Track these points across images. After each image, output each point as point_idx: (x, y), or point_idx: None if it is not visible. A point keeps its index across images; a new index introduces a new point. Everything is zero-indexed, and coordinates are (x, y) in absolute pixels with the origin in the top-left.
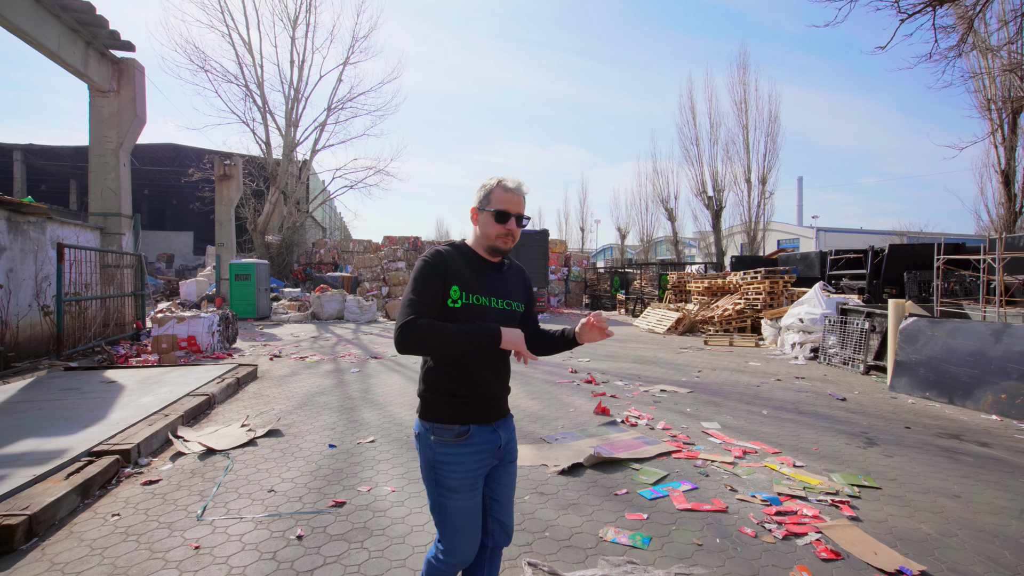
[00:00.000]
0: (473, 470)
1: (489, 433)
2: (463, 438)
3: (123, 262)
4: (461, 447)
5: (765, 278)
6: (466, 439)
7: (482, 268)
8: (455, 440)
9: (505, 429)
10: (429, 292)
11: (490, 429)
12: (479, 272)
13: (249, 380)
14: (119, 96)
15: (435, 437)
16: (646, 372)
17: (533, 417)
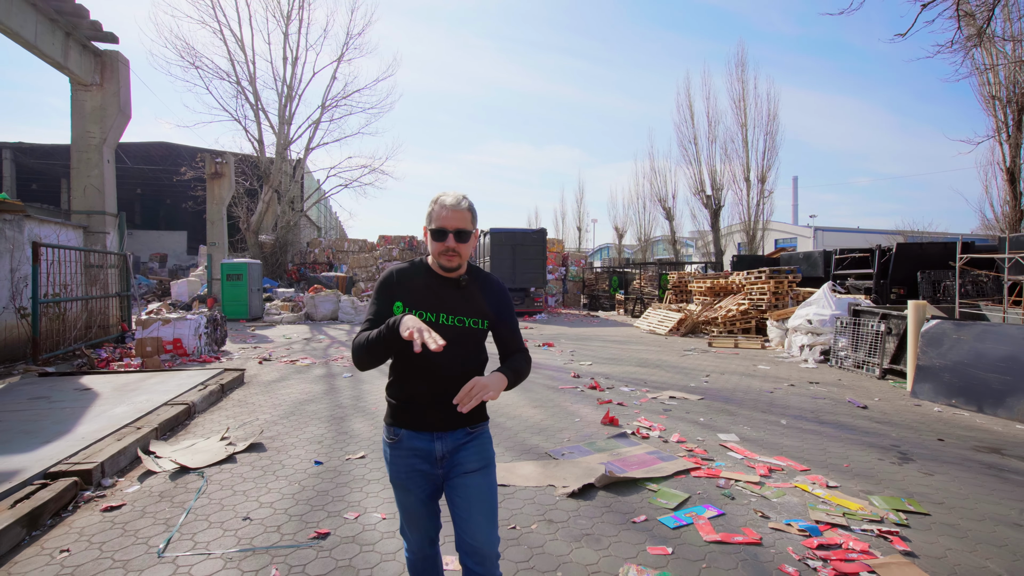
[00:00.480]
0: (403, 472)
1: (422, 441)
2: (394, 441)
3: (107, 262)
4: (392, 448)
5: (770, 278)
6: (397, 442)
7: (436, 284)
8: (390, 440)
9: (446, 442)
10: (379, 310)
11: (426, 438)
12: (432, 288)
13: (235, 386)
14: (102, 90)
15: (384, 435)
16: (652, 376)
17: (536, 428)
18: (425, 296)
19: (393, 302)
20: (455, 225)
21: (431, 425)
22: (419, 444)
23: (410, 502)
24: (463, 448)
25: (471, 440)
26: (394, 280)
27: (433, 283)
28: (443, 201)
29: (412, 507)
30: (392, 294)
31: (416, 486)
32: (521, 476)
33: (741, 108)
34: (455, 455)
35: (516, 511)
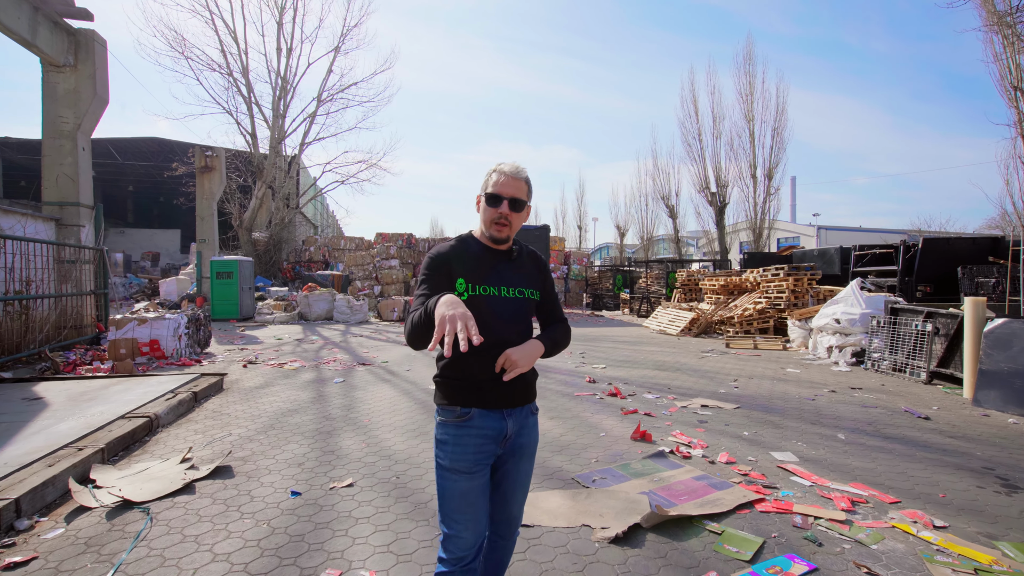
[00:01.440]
0: (471, 453)
1: (494, 420)
2: (463, 419)
3: (82, 257)
4: (460, 428)
5: (788, 275)
6: (466, 420)
7: (489, 257)
8: (455, 421)
9: (516, 419)
10: (435, 284)
11: (497, 416)
12: (486, 262)
13: (211, 393)
14: (76, 72)
15: (440, 418)
16: (674, 382)
17: (556, 445)
18: (483, 270)
19: (451, 278)
20: (511, 192)
21: (501, 402)
22: (491, 423)
23: (473, 490)
24: (525, 429)
25: (533, 419)
26: (449, 255)
27: (487, 256)
28: (501, 168)
29: (474, 496)
30: (449, 270)
31: (482, 470)
32: (548, 512)
33: (748, 103)
34: (518, 436)
35: (546, 566)
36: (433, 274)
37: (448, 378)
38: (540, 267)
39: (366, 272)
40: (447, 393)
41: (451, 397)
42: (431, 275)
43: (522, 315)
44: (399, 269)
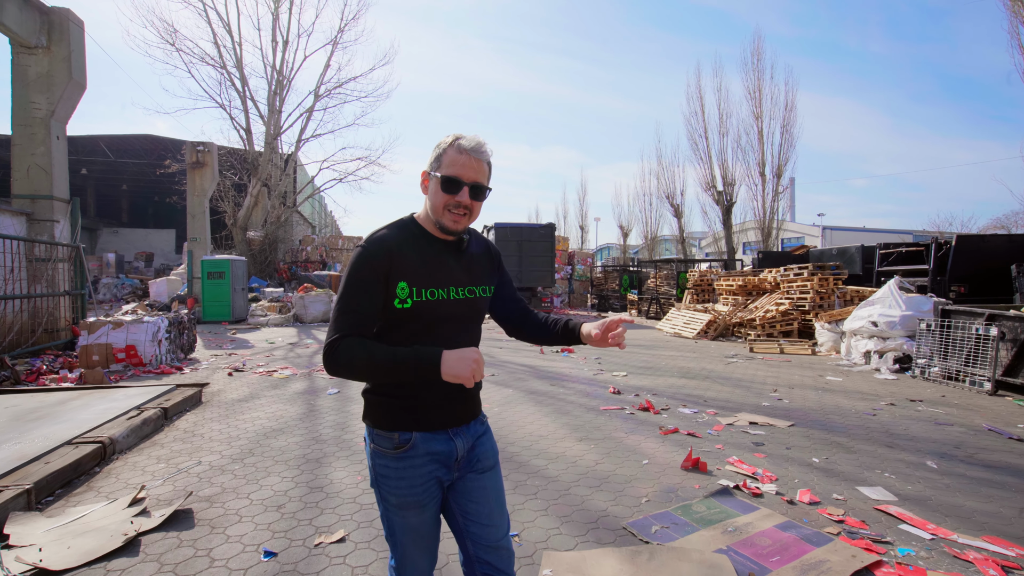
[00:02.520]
0: (418, 486)
1: (440, 443)
2: (402, 450)
3: (56, 255)
4: (400, 460)
5: (813, 275)
6: (406, 451)
7: (435, 251)
8: (394, 452)
9: (466, 436)
10: (366, 297)
11: (442, 438)
12: (431, 257)
13: (186, 408)
14: (49, 53)
15: (375, 445)
16: (708, 392)
17: (595, 477)
18: (429, 269)
19: (390, 282)
20: (472, 177)
21: (449, 420)
22: (438, 447)
23: (425, 523)
24: (479, 442)
25: (485, 431)
26: (388, 250)
27: (433, 249)
28: (461, 144)
29: (426, 528)
30: (388, 273)
31: (432, 500)
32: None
33: (756, 99)
34: (472, 452)
35: None
36: (365, 280)
37: (381, 395)
38: (493, 257)
39: None
40: (381, 416)
41: (386, 421)
42: (362, 282)
43: (473, 317)
44: None
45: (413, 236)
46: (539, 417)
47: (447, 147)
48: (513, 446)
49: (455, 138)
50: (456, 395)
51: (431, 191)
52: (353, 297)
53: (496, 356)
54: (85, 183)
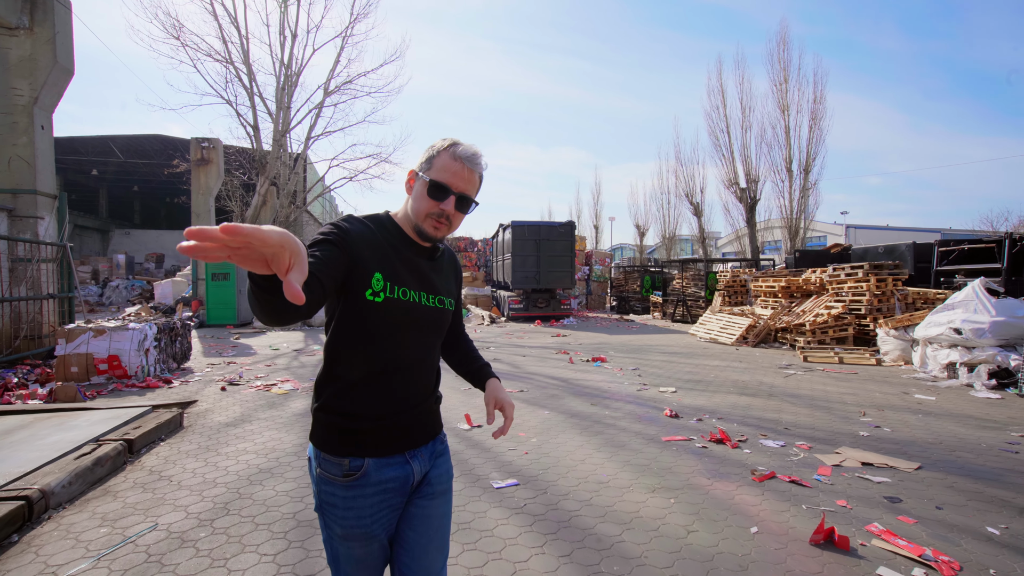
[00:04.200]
0: (366, 517)
1: (396, 468)
2: (352, 478)
3: (40, 254)
4: (349, 489)
5: (870, 274)
6: (356, 479)
7: (411, 253)
8: (342, 480)
9: (423, 459)
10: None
11: (399, 462)
12: (406, 258)
13: (159, 437)
14: (32, 35)
15: (320, 470)
16: (782, 415)
17: (694, 557)
18: (404, 269)
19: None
20: (462, 187)
21: (407, 442)
22: (392, 472)
23: (371, 554)
24: (436, 464)
25: (444, 451)
26: (362, 236)
27: (408, 251)
28: (457, 151)
29: (372, 559)
30: (357, 253)
31: (384, 530)
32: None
33: (782, 91)
34: (426, 474)
35: None
36: (332, 244)
37: (333, 414)
38: (456, 272)
39: None
40: (329, 438)
41: (335, 445)
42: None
43: (439, 329)
44: None
45: (389, 233)
46: (590, 452)
47: (441, 151)
48: (568, 499)
49: (451, 143)
50: (418, 414)
51: (416, 193)
52: (318, 249)
53: (521, 366)
54: (98, 184)
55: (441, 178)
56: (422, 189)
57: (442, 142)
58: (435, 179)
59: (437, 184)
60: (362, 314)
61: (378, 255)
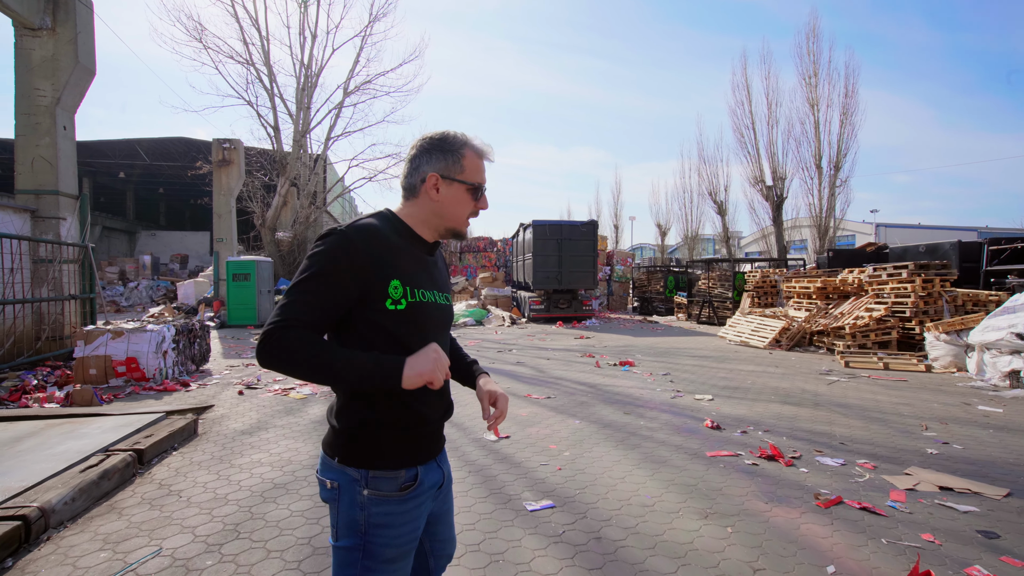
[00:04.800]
0: (419, 528)
1: (435, 472)
2: (409, 489)
3: (61, 255)
4: (406, 503)
5: (916, 274)
6: (413, 489)
7: (420, 252)
8: (399, 494)
9: (444, 459)
10: (334, 290)
11: (434, 466)
12: (418, 258)
13: (172, 446)
14: (55, 35)
15: (370, 491)
16: (835, 427)
17: None
18: (418, 269)
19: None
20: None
21: (440, 443)
22: (434, 477)
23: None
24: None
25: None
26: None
27: (417, 250)
28: (479, 148)
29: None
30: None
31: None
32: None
33: (811, 85)
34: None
35: None
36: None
37: (390, 427)
38: (447, 264)
39: None
40: (383, 454)
41: (389, 459)
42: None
43: (449, 325)
44: None
45: (399, 234)
46: (629, 468)
47: (464, 149)
48: (611, 525)
49: (463, 139)
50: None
51: (454, 198)
52: (319, 283)
53: (546, 371)
54: (125, 187)
55: (479, 180)
56: (462, 194)
57: (456, 137)
58: (475, 182)
59: (478, 187)
60: (388, 324)
61: (391, 260)
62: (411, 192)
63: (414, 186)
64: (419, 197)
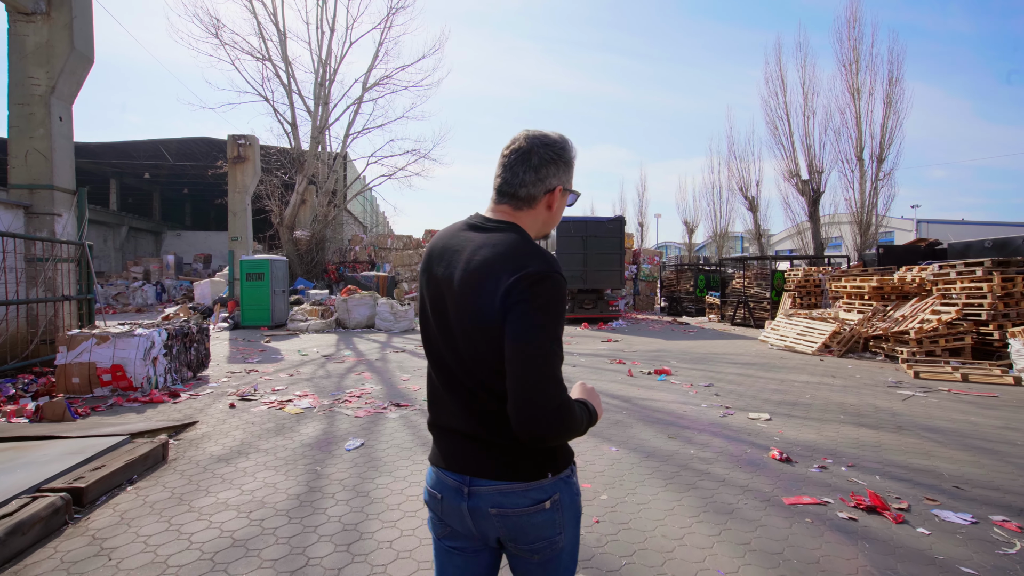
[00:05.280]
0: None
1: None
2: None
3: (57, 253)
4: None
5: (993, 271)
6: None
7: None
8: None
9: None
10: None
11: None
12: None
13: (126, 480)
14: (49, 20)
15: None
16: (935, 460)
17: None
18: None
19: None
20: None
21: None
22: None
23: None
24: None
25: None
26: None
27: None
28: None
29: None
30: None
31: None
32: None
33: (852, 72)
34: None
35: None
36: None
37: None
38: None
39: (414, 273)
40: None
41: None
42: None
43: None
44: None
45: None
46: (687, 522)
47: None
48: None
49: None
50: None
51: (561, 207)
52: (561, 336)
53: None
54: (151, 188)
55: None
56: (565, 202)
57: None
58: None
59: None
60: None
61: None
62: (529, 202)
63: (535, 197)
64: (535, 208)
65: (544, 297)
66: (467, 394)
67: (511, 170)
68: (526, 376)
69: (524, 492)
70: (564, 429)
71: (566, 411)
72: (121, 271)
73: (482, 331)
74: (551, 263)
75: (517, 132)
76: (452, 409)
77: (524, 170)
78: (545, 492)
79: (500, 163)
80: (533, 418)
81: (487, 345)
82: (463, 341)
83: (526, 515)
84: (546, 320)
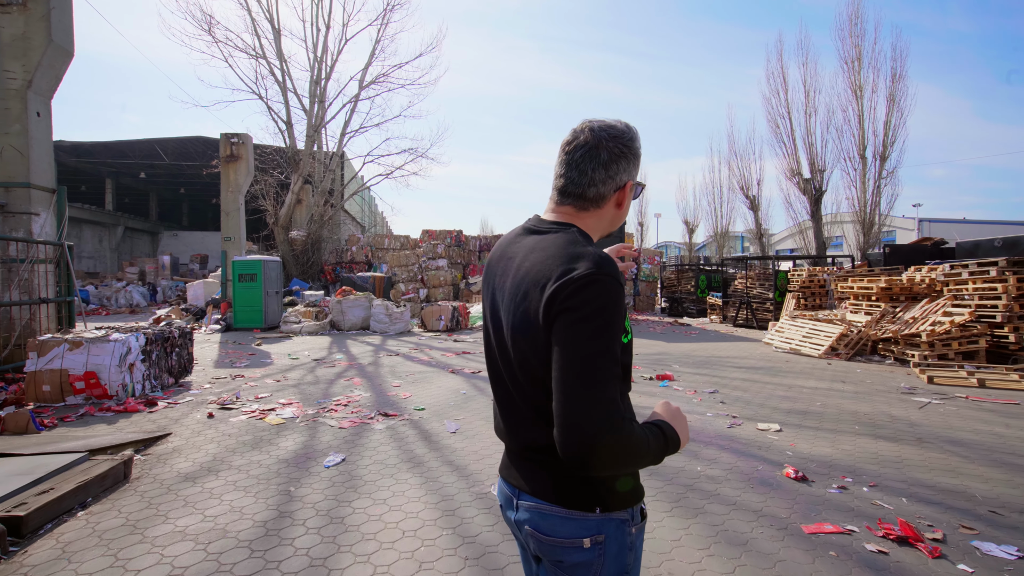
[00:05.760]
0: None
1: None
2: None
3: (34, 254)
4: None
5: (1008, 271)
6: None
7: None
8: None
9: None
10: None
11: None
12: None
13: (77, 504)
14: (26, 11)
15: (636, 527)
16: (962, 479)
17: None
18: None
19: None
20: None
21: None
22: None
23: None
24: None
25: None
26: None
27: None
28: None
29: None
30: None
31: None
32: None
33: (855, 70)
34: None
35: None
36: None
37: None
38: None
39: (411, 273)
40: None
41: (633, 496)
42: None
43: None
44: (447, 270)
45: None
46: (698, 556)
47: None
48: None
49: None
50: None
51: (628, 203)
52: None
53: None
54: (148, 188)
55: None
56: (631, 193)
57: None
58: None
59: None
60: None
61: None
62: (597, 202)
63: (604, 196)
64: (603, 208)
65: (592, 304)
66: (518, 410)
67: (577, 168)
68: (568, 395)
69: (563, 520)
70: (611, 458)
71: (617, 436)
72: (117, 272)
73: (529, 342)
74: (601, 264)
75: (577, 123)
76: (506, 424)
77: (593, 168)
78: (587, 528)
79: (562, 160)
80: (574, 442)
81: (536, 359)
82: (515, 353)
83: (560, 547)
84: (593, 330)
